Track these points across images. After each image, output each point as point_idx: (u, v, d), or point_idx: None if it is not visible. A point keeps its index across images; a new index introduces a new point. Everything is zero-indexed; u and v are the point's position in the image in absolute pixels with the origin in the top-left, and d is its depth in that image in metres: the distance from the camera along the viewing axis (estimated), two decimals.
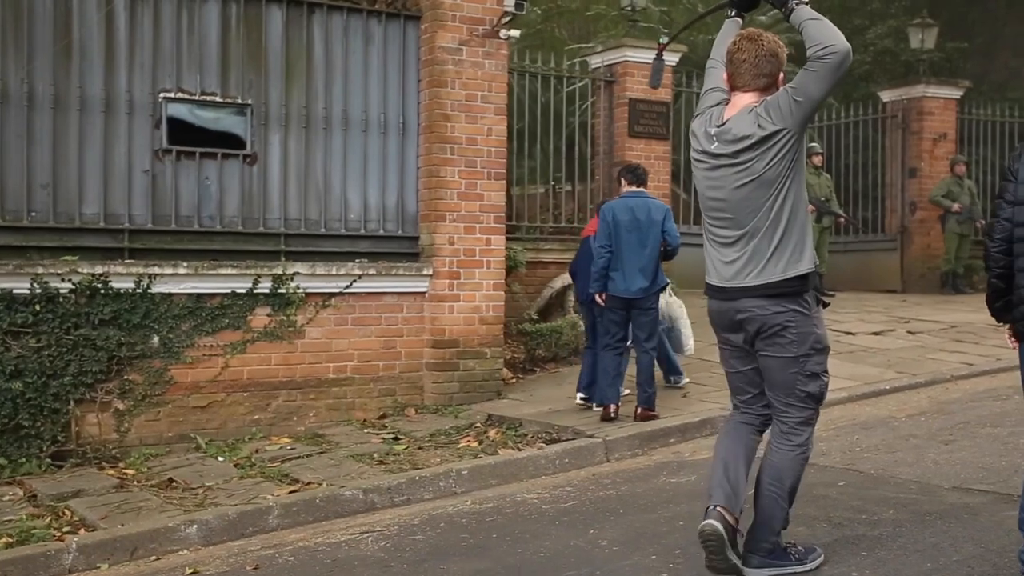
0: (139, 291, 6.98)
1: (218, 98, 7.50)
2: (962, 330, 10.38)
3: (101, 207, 7.10)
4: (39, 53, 6.91)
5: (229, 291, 7.33)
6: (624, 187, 7.43)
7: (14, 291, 6.58)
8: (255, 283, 7.39)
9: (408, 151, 8.22)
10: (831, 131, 14.79)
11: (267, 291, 7.44)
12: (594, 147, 11.74)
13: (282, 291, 7.48)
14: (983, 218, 13.34)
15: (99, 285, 6.83)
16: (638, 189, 7.35)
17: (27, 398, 6.56)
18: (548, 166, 11.66)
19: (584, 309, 8.02)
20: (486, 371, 8.25)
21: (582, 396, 7.70)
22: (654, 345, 7.34)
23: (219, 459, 6.74)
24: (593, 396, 7.55)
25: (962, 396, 7.86)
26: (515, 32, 8.65)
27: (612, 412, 7.14)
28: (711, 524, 3.93)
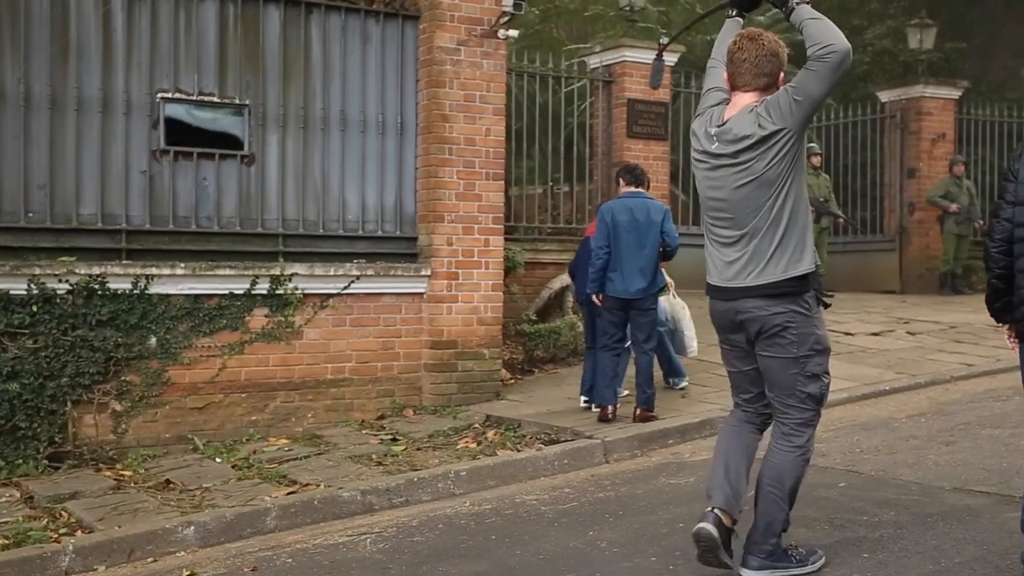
0: (136, 292, 6.95)
1: (216, 98, 7.48)
2: (961, 331, 10.37)
3: (98, 208, 7.08)
4: (36, 53, 6.89)
5: (227, 292, 7.30)
6: (623, 188, 7.41)
7: (11, 292, 6.55)
8: (253, 284, 7.37)
9: (406, 151, 8.20)
10: (830, 131, 14.78)
11: (265, 292, 7.42)
12: (592, 147, 11.73)
13: (280, 292, 7.46)
14: (981, 218, 13.34)
15: (96, 286, 6.81)
16: (637, 190, 7.33)
17: (24, 399, 6.53)
18: (546, 167, 11.65)
19: (584, 309, 8.00)
20: (484, 372, 8.23)
21: (585, 400, 7.66)
22: (653, 346, 7.32)
23: (217, 460, 6.72)
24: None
25: (962, 397, 7.85)
26: (513, 32, 8.63)
27: (610, 413, 7.12)
28: (706, 528, 3.96)
